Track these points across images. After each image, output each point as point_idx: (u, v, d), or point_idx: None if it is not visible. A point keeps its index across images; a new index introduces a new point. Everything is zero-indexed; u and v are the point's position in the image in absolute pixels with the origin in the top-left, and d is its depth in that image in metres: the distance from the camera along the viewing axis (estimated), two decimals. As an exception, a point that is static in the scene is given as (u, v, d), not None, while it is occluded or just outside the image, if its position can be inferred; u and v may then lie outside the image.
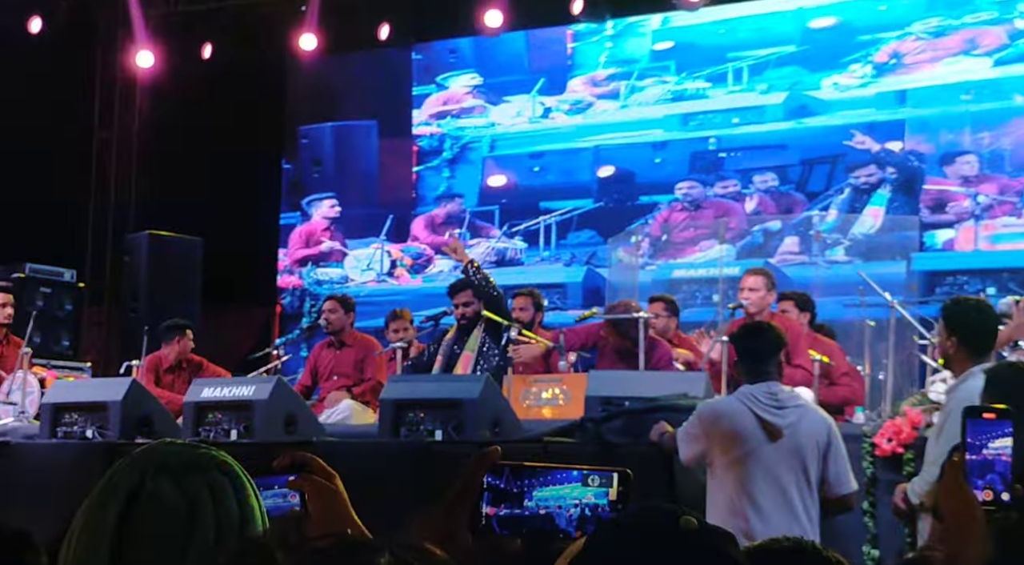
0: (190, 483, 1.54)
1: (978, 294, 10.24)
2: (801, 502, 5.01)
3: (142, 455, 1.57)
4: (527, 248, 13.70)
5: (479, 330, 8.13)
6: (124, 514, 1.51)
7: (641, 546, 1.27)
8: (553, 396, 7.41)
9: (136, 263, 12.06)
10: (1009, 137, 11.61)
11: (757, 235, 12.28)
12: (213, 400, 7.31)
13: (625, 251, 11.97)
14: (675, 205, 12.98)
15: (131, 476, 1.54)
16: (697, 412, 5.32)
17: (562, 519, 1.61)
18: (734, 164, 12.87)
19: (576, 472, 1.64)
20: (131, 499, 1.52)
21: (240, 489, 1.56)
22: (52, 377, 8.93)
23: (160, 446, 1.59)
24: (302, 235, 14.66)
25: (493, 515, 1.63)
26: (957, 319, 4.94)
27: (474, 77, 14.20)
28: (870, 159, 12.17)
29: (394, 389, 6.96)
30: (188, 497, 1.53)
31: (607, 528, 1.34)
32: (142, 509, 1.52)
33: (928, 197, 11.88)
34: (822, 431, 5.14)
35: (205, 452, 1.60)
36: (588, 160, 13.58)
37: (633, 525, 1.31)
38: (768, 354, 5.17)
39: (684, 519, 1.29)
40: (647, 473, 5.61)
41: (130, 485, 1.53)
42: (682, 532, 1.28)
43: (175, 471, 1.55)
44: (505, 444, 6.28)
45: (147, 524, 1.51)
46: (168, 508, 1.51)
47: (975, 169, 11.74)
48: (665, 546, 1.27)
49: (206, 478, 1.55)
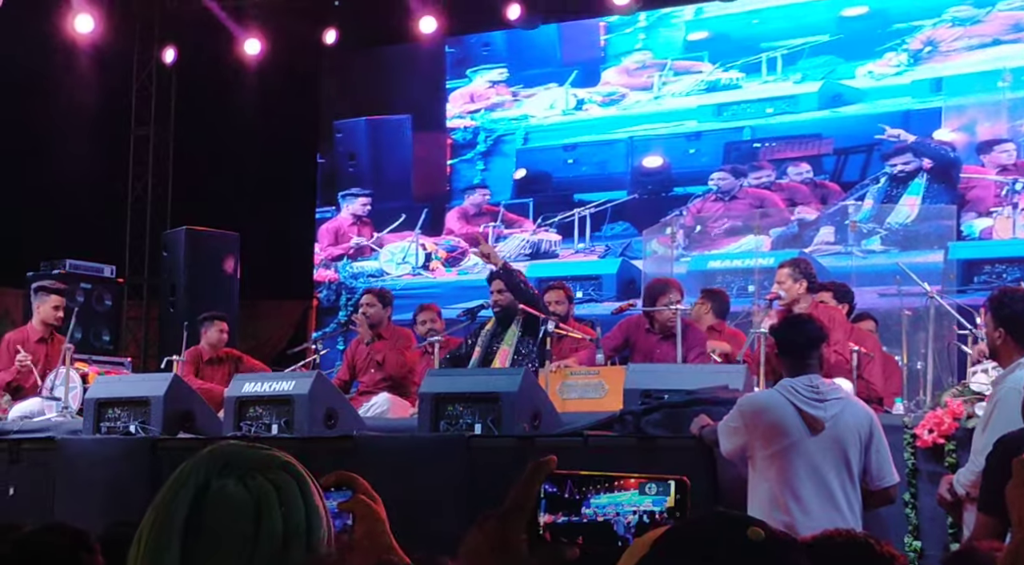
0: (257, 483, 1.55)
1: (1018, 283, 10.19)
2: (843, 494, 5.00)
3: (208, 455, 1.59)
4: (561, 240, 13.71)
5: (516, 326, 8.15)
6: (192, 513, 1.53)
7: (707, 555, 1.27)
8: (588, 388, 7.42)
9: (174, 258, 12.15)
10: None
11: (792, 225, 12.24)
12: (254, 395, 7.36)
13: (660, 242, 11.95)
14: (708, 196, 12.95)
15: (198, 475, 1.55)
16: (738, 405, 5.31)
17: (620, 526, 1.62)
18: (768, 154, 12.83)
19: (633, 480, 1.65)
20: (199, 498, 1.54)
21: (306, 490, 1.58)
22: (94, 372, 9.02)
23: (226, 446, 1.61)
24: (330, 231, 14.73)
25: (551, 523, 1.64)
26: (1004, 310, 4.92)
27: (502, 71, 14.21)
28: (906, 148, 12.11)
29: (433, 383, 6.98)
30: (255, 496, 1.54)
31: (673, 534, 1.35)
32: (210, 508, 1.53)
33: (965, 186, 11.81)
34: (864, 423, 5.13)
35: (270, 453, 1.61)
36: (622, 151, 13.56)
37: (699, 534, 1.30)
38: (809, 347, 5.17)
39: (752, 530, 1.28)
40: (688, 467, 5.61)
41: (197, 484, 1.55)
42: (749, 543, 1.28)
43: (242, 470, 1.56)
44: (545, 438, 6.34)
45: (215, 523, 1.52)
46: (236, 507, 1.53)
47: (1013, 157, 11.66)
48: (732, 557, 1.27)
49: (272, 478, 1.57)
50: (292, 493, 1.57)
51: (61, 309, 9.08)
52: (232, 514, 1.53)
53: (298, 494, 1.57)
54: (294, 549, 1.53)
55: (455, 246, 14.26)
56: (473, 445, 6.50)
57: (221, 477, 1.56)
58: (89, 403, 7.84)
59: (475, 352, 8.29)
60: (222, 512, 1.53)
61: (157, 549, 1.51)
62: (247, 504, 1.54)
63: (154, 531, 1.52)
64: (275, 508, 1.54)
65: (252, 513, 1.53)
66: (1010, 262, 11.29)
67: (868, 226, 11.69)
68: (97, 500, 6.99)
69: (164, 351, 11.12)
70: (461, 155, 14.42)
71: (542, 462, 1.71)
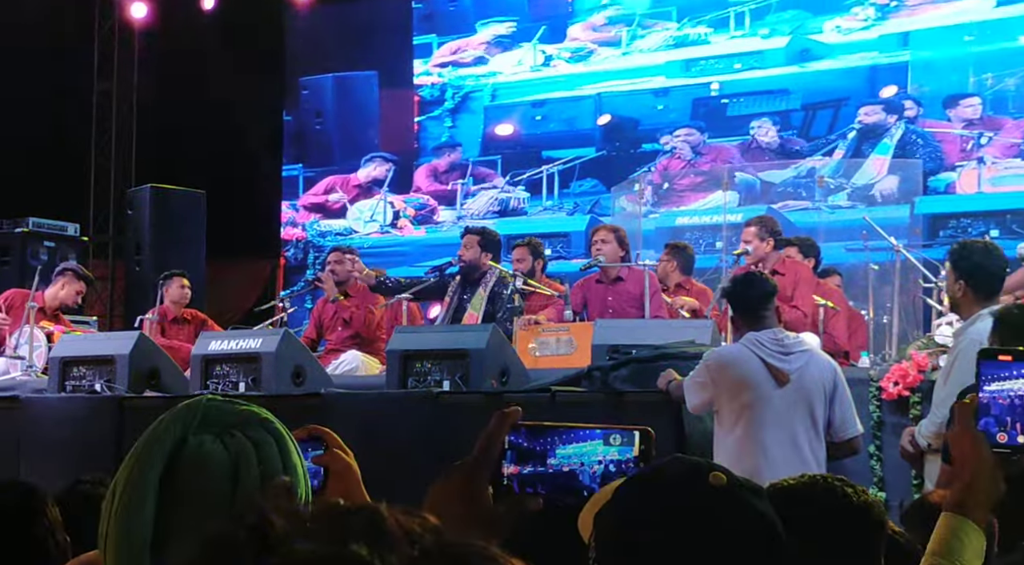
0: (235, 440, 1.52)
1: (982, 236, 10.25)
2: (809, 446, 5.05)
3: (185, 410, 1.54)
4: (530, 197, 13.68)
5: (483, 289, 8.14)
6: (168, 470, 1.49)
7: (670, 501, 1.26)
8: (559, 345, 7.42)
9: (139, 217, 12.06)
10: (1013, 79, 11.55)
11: (759, 181, 12.26)
12: (221, 353, 7.32)
13: (628, 199, 11.95)
14: (676, 152, 12.95)
15: (174, 431, 1.52)
16: (704, 360, 5.34)
17: (586, 476, 1.62)
18: (736, 110, 12.82)
19: (598, 431, 1.64)
20: (174, 454, 1.50)
21: (284, 448, 1.55)
22: (59, 331, 8.95)
23: (203, 402, 1.56)
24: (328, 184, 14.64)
25: (516, 474, 1.63)
26: (963, 263, 4.95)
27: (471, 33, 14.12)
28: (873, 103, 12.12)
29: (401, 340, 6.96)
30: (232, 454, 1.50)
31: (635, 481, 1.34)
32: (186, 465, 1.49)
33: (931, 140, 11.84)
34: (828, 375, 5.18)
35: (247, 408, 1.57)
36: (590, 108, 13.52)
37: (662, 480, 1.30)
38: (762, 301, 5.20)
39: (713, 475, 1.28)
40: (655, 421, 5.63)
41: (173, 440, 1.51)
42: (711, 488, 1.28)
43: (220, 427, 1.53)
44: (513, 394, 6.34)
45: (191, 480, 1.49)
46: (213, 465, 1.49)
47: (978, 112, 11.70)
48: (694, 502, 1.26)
49: (251, 435, 1.53)
50: (270, 451, 1.53)
51: (82, 296, 9.18)
52: (209, 472, 1.49)
53: (276, 452, 1.54)
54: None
55: (424, 204, 14.21)
56: (441, 402, 6.50)
57: (198, 433, 1.52)
58: (54, 362, 7.78)
59: (444, 302, 8.30)
60: (199, 470, 1.50)
61: (131, 505, 1.47)
62: (224, 462, 1.50)
63: (128, 487, 1.49)
64: (253, 466, 1.51)
65: (229, 471, 1.50)
66: (975, 216, 11.36)
67: (836, 181, 11.72)
68: (63, 459, 6.96)
69: (130, 310, 11.06)
70: (429, 112, 14.34)
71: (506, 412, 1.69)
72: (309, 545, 0.63)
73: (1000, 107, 11.64)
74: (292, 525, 0.65)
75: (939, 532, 1.72)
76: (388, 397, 6.74)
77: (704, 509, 1.27)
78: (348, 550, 0.62)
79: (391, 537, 0.64)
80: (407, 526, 0.65)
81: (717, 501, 1.28)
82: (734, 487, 1.29)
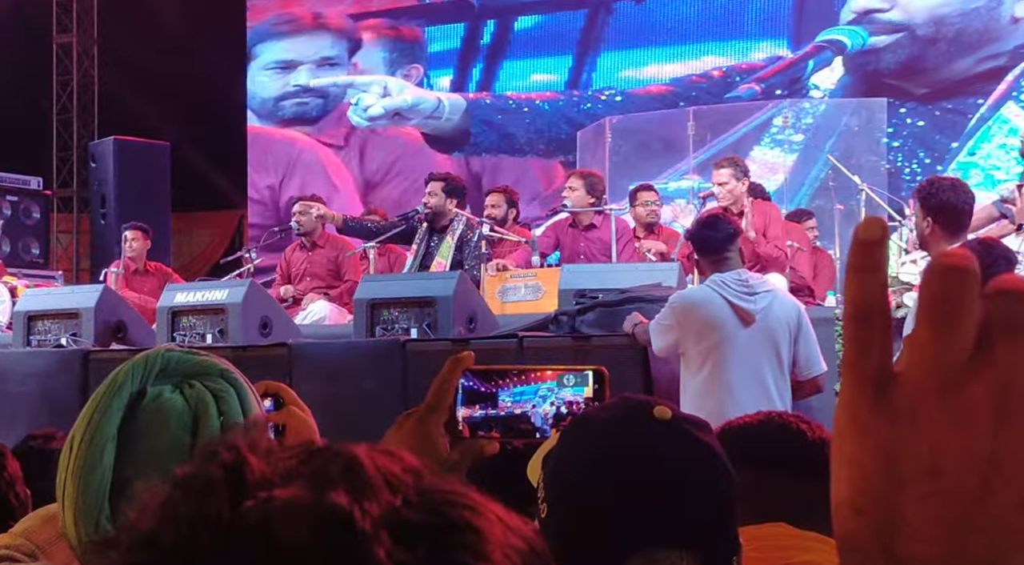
0: (195, 391, 1.51)
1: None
2: (775, 385, 5.07)
3: (143, 361, 1.53)
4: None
5: (451, 237, 8.11)
6: (126, 421, 1.48)
7: (614, 438, 1.26)
8: (527, 291, 7.42)
9: (103, 169, 11.94)
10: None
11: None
12: (187, 305, 7.28)
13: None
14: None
15: (132, 382, 1.51)
16: (669, 302, 5.34)
17: (538, 418, 1.61)
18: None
19: (550, 372, 1.63)
20: (133, 405, 1.49)
21: (243, 397, 1.54)
22: (23, 286, 8.88)
23: (161, 352, 1.56)
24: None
25: (467, 417, 1.62)
26: (931, 200, 4.97)
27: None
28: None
29: (368, 289, 6.94)
30: (192, 404, 1.50)
31: (579, 422, 1.33)
32: (145, 416, 1.49)
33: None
34: (792, 315, 5.19)
35: (207, 359, 1.56)
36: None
37: (606, 418, 1.29)
38: (727, 242, 5.20)
39: (658, 409, 1.28)
40: (622, 364, 5.64)
41: (132, 391, 1.50)
42: (656, 422, 1.27)
43: (178, 377, 1.52)
44: (481, 340, 6.35)
45: (150, 431, 1.48)
46: (172, 415, 1.49)
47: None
48: (639, 437, 1.26)
49: (210, 385, 1.52)
50: (231, 401, 1.52)
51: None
52: (168, 422, 1.48)
53: (236, 402, 1.53)
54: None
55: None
56: (409, 349, 6.49)
57: (157, 384, 1.51)
58: (18, 316, 7.73)
59: (411, 250, 8.28)
60: (158, 420, 1.48)
61: (89, 457, 1.46)
62: (184, 413, 1.49)
63: (86, 438, 1.48)
64: (213, 417, 1.50)
65: (189, 422, 1.49)
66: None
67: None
68: (29, 413, 6.93)
69: (96, 264, 10.98)
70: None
71: (458, 357, 1.68)
72: (288, 490, 0.61)
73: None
74: (270, 466, 0.63)
75: None
76: (356, 346, 6.72)
77: (647, 444, 1.27)
78: (327, 498, 0.60)
79: (371, 483, 0.62)
80: (387, 470, 0.64)
81: (660, 435, 1.27)
82: (676, 421, 1.29)
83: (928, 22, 11.68)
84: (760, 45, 12.54)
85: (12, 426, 6.12)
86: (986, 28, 11.47)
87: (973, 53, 11.52)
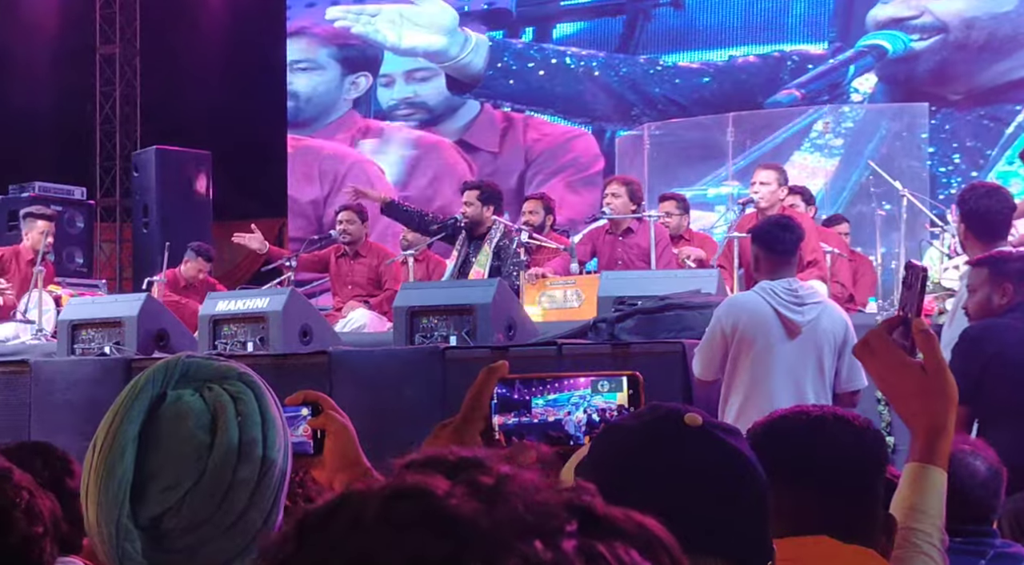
0: (213, 393, 1.55)
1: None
2: (815, 397, 5.00)
3: (163, 366, 1.58)
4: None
5: (488, 245, 8.11)
6: (147, 423, 1.52)
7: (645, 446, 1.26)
8: (566, 298, 7.42)
9: (145, 179, 12.04)
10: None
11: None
12: (228, 313, 7.33)
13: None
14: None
15: (153, 385, 1.55)
16: (716, 311, 5.26)
17: (571, 425, 1.61)
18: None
19: (585, 379, 1.63)
20: (153, 408, 1.53)
21: (263, 402, 1.57)
22: (68, 295, 8.97)
23: (182, 358, 1.60)
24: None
25: (501, 425, 1.63)
26: (965, 206, 4.95)
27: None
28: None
29: (407, 296, 6.96)
30: (211, 406, 1.54)
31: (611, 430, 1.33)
32: (165, 418, 1.53)
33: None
34: (840, 328, 5.12)
35: (227, 364, 1.61)
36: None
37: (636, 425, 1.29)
38: (793, 248, 5.14)
39: (688, 416, 1.27)
40: (661, 372, 5.63)
41: (152, 394, 1.54)
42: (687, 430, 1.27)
43: (198, 381, 1.56)
44: (520, 348, 6.35)
45: (170, 433, 1.52)
46: (191, 417, 1.52)
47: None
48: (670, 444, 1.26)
49: (229, 388, 1.56)
50: (249, 404, 1.56)
51: (50, 235, 9.08)
52: (187, 424, 1.52)
53: (255, 405, 1.56)
54: (249, 459, 1.53)
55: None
56: (448, 357, 6.49)
57: (177, 387, 1.55)
58: (62, 325, 7.80)
59: (452, 256, 8.30)
60: (177, 422, 1.52)
61: (111, 457, 1.51)
62: (203, 414, 1.53)
63: (108, 440, 1.52)
64: (231, 419, 1.53)
65: (208, 423, 1.53)
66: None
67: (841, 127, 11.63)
68: (73, 422, 6.98)
69: (139, 273, 11.07)
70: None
71: (493, 367, 1.69)
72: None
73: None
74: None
75: (912, 484, 1.73)
76: (395, 354, 6.74)
77: (676, 450, 1.27)
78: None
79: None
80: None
81: (690, 441, 1.27)
82: (707, 427, 1.28)
83: (960, 26, 11.58)
84: (801, 48, 12.49)
85: (56, 434, 6.17)
86: (1016, 33, 11.36)
87: (1006, 58, 11.41)
